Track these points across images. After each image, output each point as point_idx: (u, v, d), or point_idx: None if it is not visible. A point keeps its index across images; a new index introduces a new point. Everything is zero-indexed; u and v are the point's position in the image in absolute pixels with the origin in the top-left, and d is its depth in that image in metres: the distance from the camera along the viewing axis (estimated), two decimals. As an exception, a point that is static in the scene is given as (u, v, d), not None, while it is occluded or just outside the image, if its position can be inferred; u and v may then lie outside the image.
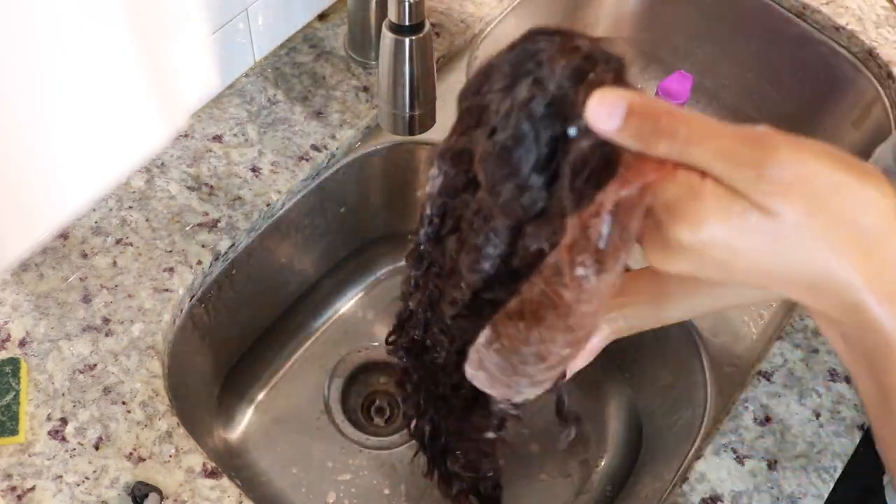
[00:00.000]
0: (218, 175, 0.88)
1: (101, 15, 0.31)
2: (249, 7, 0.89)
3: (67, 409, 0.74)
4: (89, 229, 0.83)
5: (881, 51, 1.05)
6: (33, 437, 0.72)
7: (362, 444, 0.96)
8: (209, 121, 0.91)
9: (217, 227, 0.85)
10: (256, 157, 0.89)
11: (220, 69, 0.92)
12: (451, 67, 1.01)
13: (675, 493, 0.75)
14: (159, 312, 0.79)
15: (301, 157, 0.90)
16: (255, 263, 0.90)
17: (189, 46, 0.36)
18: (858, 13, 1.08)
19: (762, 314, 0.86)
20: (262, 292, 0.95)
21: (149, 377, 0.76)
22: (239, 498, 0.71)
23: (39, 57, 0.29)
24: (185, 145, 0.89)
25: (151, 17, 0.33)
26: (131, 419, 0.74)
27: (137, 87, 0.34)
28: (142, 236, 0.83)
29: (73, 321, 0.78)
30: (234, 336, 0.96)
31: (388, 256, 1.09)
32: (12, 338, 0.77)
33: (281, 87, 0.95)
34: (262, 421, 0.97)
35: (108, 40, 0.32)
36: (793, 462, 0.76)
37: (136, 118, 0.35)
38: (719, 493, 0.75)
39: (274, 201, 0.87)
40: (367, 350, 1.03)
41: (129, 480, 0.71)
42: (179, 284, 0.81)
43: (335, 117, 0.93)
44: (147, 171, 0.87)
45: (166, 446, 0.73)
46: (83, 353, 0.77)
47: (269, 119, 0.92)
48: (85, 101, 0.32)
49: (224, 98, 0.93)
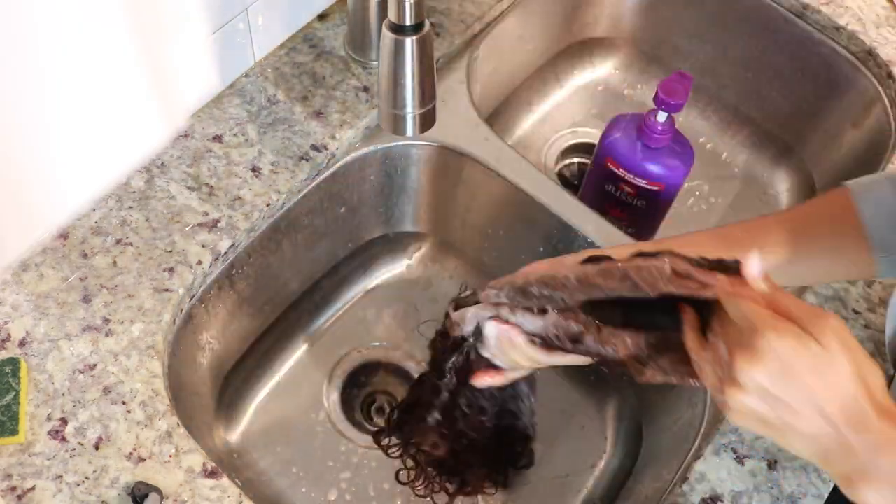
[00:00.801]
0: (218, 175, 0.88)
1: (101, 15, 0.31)
2: (249, 7, 0.89)
3: (67, 409, 0.74)
4: (89, 229, 0.83)
5: (881, 51, 1.05)
6: (33, 437, 0.72)
7: (362, 443, 0.96)
8: (209, 121, 0.91)
9: (217, 227, 0.85)
10: (256, 157, 0.89)
11: (220, 69, 0.92)
12: (451, 67, 1.01)
13: (675, 493, 0.75)
14: (159, 312, 0.79)
15: (301, 157, 0.90)
16: (255, 263, 0.90)
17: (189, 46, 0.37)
18: (858, 13, 1.08)
19: (762, 314, 0.85)
20: (262, 292, 0.95)
21: (149, 377, 0.76)
22: (239, 498, 0.71)
23: (39, 57, 0.29)
24: (185, 145, 0.89)
25: (151, 17, 0.33)
26: (131, 419, 0.74)
27: (137, 87, 0.34)
28: (142, 236, 0.83)
29: (73, 321, 0.78)
30: (235, 336, 0.96)
31: (388, 256, 1.09)
32: (12, 338, 0.77)
33: (281, 87, 0.95)
34: (262, 421, 0.97)
35: (108, 40, 0.32)
36: (793, 462, 0.76)
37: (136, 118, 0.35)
38: (719, 493, 0.75)
39: (274, 201, 0.87)
40: (366, 350, 1.03)
41: (129, 480, 0.71)
42: (179, 284, 0.81)
43: (335, 117, 0.93)
44: (147, 171, 0.87)
45: (166, 446, 0.73)
46: (83, 353, 0.77)
47: (269, 119, 0.92)
48: (85, 101, 0.32)
49: (224, 98, 0.93)
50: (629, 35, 1.26)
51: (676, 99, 0.94)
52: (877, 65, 1.05)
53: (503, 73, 1.15)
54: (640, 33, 1.26)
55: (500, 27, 1.07)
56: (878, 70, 1.05)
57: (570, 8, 1.22)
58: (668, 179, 1.00)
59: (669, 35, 1.23)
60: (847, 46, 1.07)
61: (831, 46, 1.08)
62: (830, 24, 1.07)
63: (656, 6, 1.22)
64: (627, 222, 1.07)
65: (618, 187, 1.03)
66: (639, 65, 1.27)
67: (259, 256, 0.90)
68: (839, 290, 0.86)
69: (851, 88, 1.08)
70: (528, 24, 1.14)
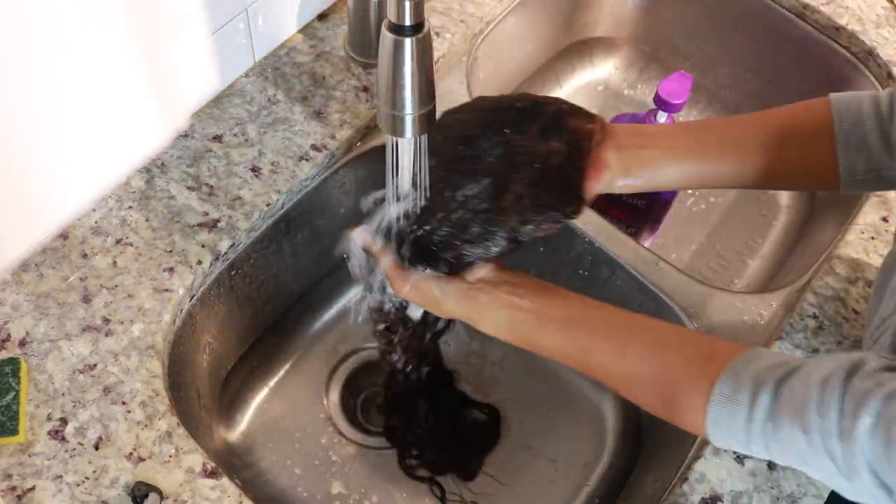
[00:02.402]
0: (218, 175, 0.88)
1: (101, 15, 0.31)
2: (249, 7, 0.89)
3: (67, 409, 0.74)
4: (89, 229, 0.83)
5: (881, 51, 1.05)
6: (33, 437, 0.72)
7: (362, 443, 0.96)
8: (209, 121, 0.91)
9: (217, 227, 0.85)
10: (256, 157, 0.89)
11: (220, 69, 0.92)
12: (451, 67, 1.01)
13: (675, 493, 0.75)
14: (159, 312, 0.79)
15: (301, 157, 0.90)
16: (255, 263, 0.90)
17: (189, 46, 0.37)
18: (858, 13, 1.08)
19: (762, 314, 0.86)
20: (262, 292, 0.95)
21: (149, 377, 0.76)
22: (239, 498, 0.71)
23: (39, 57, 0.29)
24: (185, 145, 0.89)
25: (151, 17, 0.33)
26: (131, 419, 0.74)
27: (137, 87, 0.34)
28: (142, 236, 0.83)
29: (73, 321, 0.78)
30: (234, 336, 0.96)
31: (388, 256, 1.08)
32: (12, 338, 0.77)
33: (281, 87, 0.95)
34: (262, 421, 0.97)
35: (109, 40, 0.32)
36: (793, 462, 0.76)
37: (136, 118, 0.35)
38: (719, 493, 0.75)
39: (274, 201, 0.87)
40: (366, 350, 1.03)
41: (129, 480, 0.71)
42: (179, 284, 0.81)
43: (335, 117, 0.93)
44: (147, 171, 0.87)
45: (166, 446, 0.73)
46: (83, 353, 0.77)
47: (269, 119, 0.92)
48: (85, 101, 0.32)
49: (224, 98, 0.93)
50: (629, 35, 1.26)
51: (676, 99, 0.94)
52: (877, 65, 1.05)
53: (503, 73, 1.15)
54: (640, 33, 1.26)
55: (500, 27, 1.07)
56: (879, 70, 1.05)
57: (570, 8, 1.22)
58: (668, 179, 1.00)
59: (669, 35, 1.23)
60: (847, 46, 1.07)
61: (831, 46, 1.08)
62: (830, 24, 1.07)
63: (656, 6, 1.22)
64: (627, 222, 1.07)
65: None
66: (639, 65, 1.27)
67: (259, 256, 0.90)
68: (839, 290, 0.86)
69: (851, 88, 1.08)
70: (528, 24, 1.14)
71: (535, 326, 0.68)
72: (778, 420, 0.54)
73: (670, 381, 0.62)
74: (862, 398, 0.49)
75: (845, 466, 0.51)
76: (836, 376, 0.52)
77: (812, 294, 0.86)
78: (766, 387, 0.55)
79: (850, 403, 0.50)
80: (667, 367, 0.63)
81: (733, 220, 1.15)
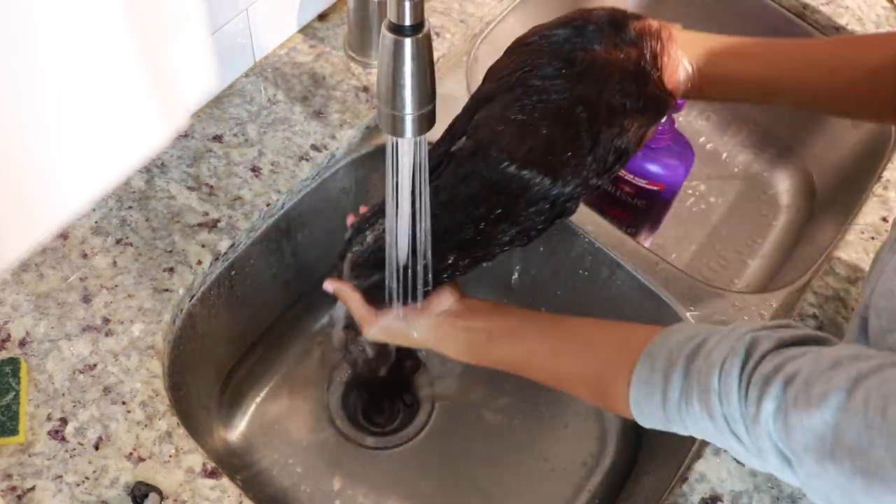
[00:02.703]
0: (218, 175, 0.88)
1: (101, 15, 0.31)
2: (249, 7, 0.89)
3: (67, 409, 0.74)
4: (89, 229, 0.83)
5: (881, 51, 1.04)
6: (33, 437, 0.72)
7: (362, 443, 0.96)
8: (209, 121, 0.91)
9: (217, 227, 0.85)
10: (256, 157, 0.89)
11: (220, 69, 0.92)
12: (451, 68, 1.01)
13: (675, 493, 0.75)
14: (159, 312, 0.79)
15: (301, 157, 0.90)
16: (255, 263, 0.90)
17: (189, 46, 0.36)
18: (858, 13, 1.08)
19: (762, 314, 0.86)
20: (263, 292, 0.95)
21: (149, 377, 0.76)
22: (239, 498, 0.71)
23: (39, 57, 0.29)
24: (185, 145, 0.89)
25: (151, 17, 0.33)
26: (131, 419, 0.74)
27: (137, 87, 0.34)
28: (142, 236, 0.83)
29: (73, 321, 0.78)
30: (235, 336, 0.96)
31: (388, 256, 1.08)
32: (12, 338, 0.77)
33: (281, 87, 0.95)
34: (262, 421, 0.97)
35: (108, 40, 0.31)
36: (793, 462, 0.76)
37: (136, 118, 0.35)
38: (719, 493, 0.75)
39: (274, 201, 0.87)
40: (367, 350, 1.02)
41: (129, 480, 0.71)
42: (179, 284, 0.81)
43: (335, 117, 0.93)
44: (147, 171, 0.87)
45: (166, 446, 0.73)
46: (83, 353, 0.77)
47: (269, 119, 0.92)
48: (85, 101, 0.32)
49: (224, 98, 0.93)
50: (629, 35, 1.26)
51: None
52: (877, 65, 1.05)
53: (503, 73, 1.15)
54: (640, 33, 1.25)
55: (500, 27, 1.07)
56: (878, 70, 1.05)
57: (570, 8, 1.21)
58: (668, 179, 1.00)
59: (669, 35, 1.23)
60: (847, 46, 1.07)
61: (831, 46, 1.08)
62: (830, 24, 1.07)
63: (656, 6, 1.22)
64: (627, 222, 1.07)
65: (618, 187, 1.03)
66: (639, 65, 1.27)
67: (259, 256, 0.90)
68: (839, 290, 0.86)
69: (851, 88, 1.08)
70: (528, 24, 1.14)
71: (485, 344, 0.73)
72: (689, 400, 0.57)
73: (598, 374, 0.65)
74: (764, 385, 0.51)
75: (754, 448, 0.54)
76: (733, 364, 0.54)
77: (812, 294, 0.86)
78: (677, 366, 0.58)
79: (753, 390, 0.52)
80: (595, 362, 0.66)
81: (733, 220, 1.15)
